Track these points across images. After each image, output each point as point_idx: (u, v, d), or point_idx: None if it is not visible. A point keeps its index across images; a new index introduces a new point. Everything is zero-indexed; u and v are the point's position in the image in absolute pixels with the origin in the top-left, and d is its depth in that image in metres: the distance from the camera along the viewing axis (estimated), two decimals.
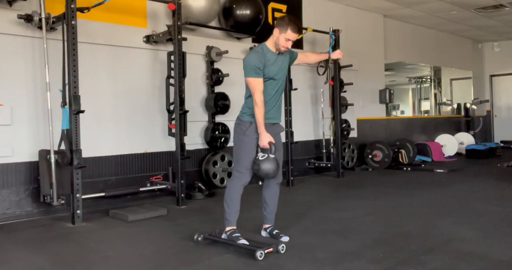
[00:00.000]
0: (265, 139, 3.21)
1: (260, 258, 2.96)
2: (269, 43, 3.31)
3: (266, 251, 3.01)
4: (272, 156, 3.22)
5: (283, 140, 4.09)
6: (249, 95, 3.29)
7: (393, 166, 7.82)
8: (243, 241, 3.20)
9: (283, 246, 3.12)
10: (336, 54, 3.94)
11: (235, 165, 3.38)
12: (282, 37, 3.22)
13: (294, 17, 3.32)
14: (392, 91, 8.81)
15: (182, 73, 4.99)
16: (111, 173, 5.04)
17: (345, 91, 7.34)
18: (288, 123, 6.26)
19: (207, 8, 5.56)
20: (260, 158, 3.24)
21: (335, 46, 6.75)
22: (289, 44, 3.26)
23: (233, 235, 3.26)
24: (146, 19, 5.40)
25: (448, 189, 5.76)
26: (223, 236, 3.33)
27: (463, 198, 5.18)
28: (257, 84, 3.19)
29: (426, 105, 12.17)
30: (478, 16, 9.06)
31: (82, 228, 3.99)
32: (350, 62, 7.28)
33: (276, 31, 3.25)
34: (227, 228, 3.32)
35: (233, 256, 3.09)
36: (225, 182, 5.66)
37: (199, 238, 3.38)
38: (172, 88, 5.16)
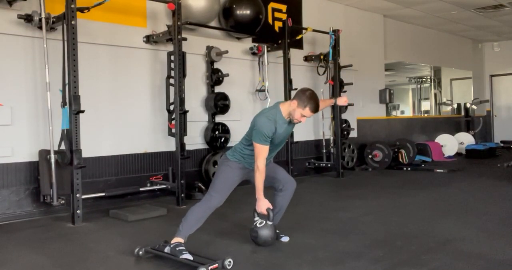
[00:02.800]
0: (263, 205, 3.18)
1: None
2: (284, 110, 3.21)
3: (210, 268, 2.74)
4: (270, 223, 3.20)
5: None
6: (248, 145, 3.21)
7: (393, 166, 7.82)
8: (186, 256, 2.93)
9: (229, 261, 2.83)
10: (341, 101, 3.77)
11: (209, 190, 3.24)
12: (298, 112, 3.14)
13: (315, 95, 3.18)
14: (392, 91, 8.81)
15: (182, 73, 4.99)
16: (111, 173, 5.04)
17: (345, 91, 7.34)
18: None
19: (207, 8, 5.56)
20: (258, 225, 3.21)
21: (335, 46, 6.77)
22: (304, 120, 3.20)
23: (177, 249, 2.98)
24: (146, 19, 5.40)
25: (448, 189, 5.76)
26: (166, 249, 3.04)
27: (463, 198, 5.18)
28: (262, 151, 3.12)
29: (426, 105, 12.17)
30: (478, 16, 9.06)
31: (82, 228, 3.99)
32: (350, 62, 7.28)
33: (294, 103, 3.14)
34: (174, 240, 3.06)
35: None
36: None
37: (140, 252, 3.09)
38: (172, 88, 5.16)
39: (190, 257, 2.92)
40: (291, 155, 6.29)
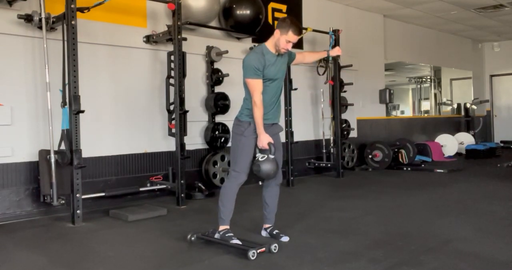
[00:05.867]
0: (264, 139, 3.21)
1: (253, 258, 2.97)
2: (269, 44, 3.30)
3: (258, 251, 3.01)
4: (271, 156, 3.22)
5: (283, 140, 4.09)
6: (248, 96, 3.29)
7: (393, 166, 7.82)
8: (236, 241, 3.20)
9: (275, 246, 3.11)
10: (335, 51, 3.90)
11: (232, 164, 3.37)
12: (282, 39, 3.21)
13: (295, 18, 3.30)
14: (392, 91, 8.81)
15: (182, 73, 4.99)
16: (111, 173, 5.04)
17: (345, 91, 7.34)
18: (288, 123, 6.26)
19: (207, 8, 5.56)
20: (259, 159, 3.23)
21: (335, 45, 6.76)
22: (290, 46, 3.26)
23: (226, 235, 3.26)
24: (146, 19, 5.40)
25: (448, 189, 5.76)
26: (216, 235, 3.32)
27: (463, 198, 5.18)
28: (256, 85, 3.19)
29: (426, 105, 12.17)
30: (478, 16, 9.06)
31: (82, 228, 3.99)
32: (350, 62, 7.28)
33: (277, 32, 3.23)
34: (221, 228, 3.32)
35: (232, 256, 3.09)
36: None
37: (192, 238, 3.37)
38: (172, 88, 5.16)
39: (239, 242, 3.18)
40: (291, 155, 6.29)
